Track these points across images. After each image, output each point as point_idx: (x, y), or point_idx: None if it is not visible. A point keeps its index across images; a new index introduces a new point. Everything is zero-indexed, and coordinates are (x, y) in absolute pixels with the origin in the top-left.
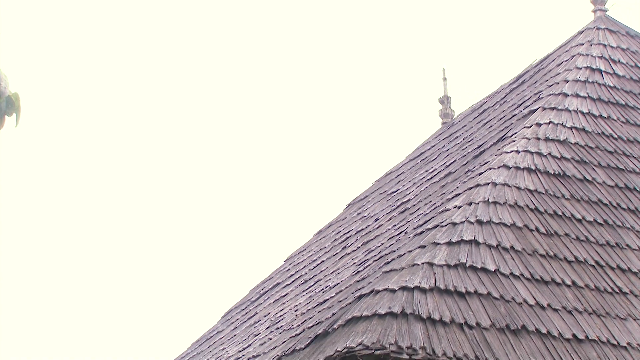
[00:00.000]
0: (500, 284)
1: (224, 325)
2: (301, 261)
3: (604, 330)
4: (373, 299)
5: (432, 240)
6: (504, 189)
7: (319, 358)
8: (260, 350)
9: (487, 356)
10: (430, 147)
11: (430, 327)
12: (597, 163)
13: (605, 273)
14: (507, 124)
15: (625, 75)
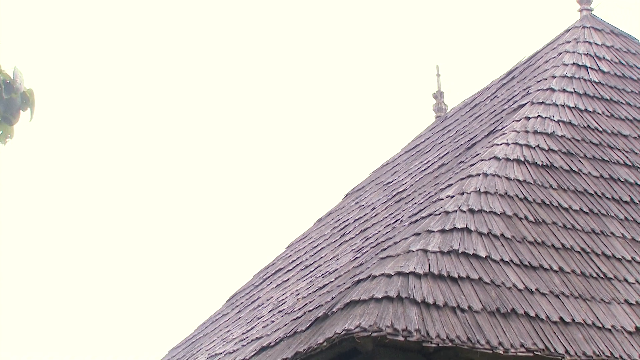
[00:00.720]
0: (490, 270)
1: (229, 309)
2: (302, 248)
3: (589, 313)
4: (370, 283)
5: (426, 228)
6: (494, 180)
7: (319, 340)
8: (263, 332)
9: (478, 338)
10: (424, 140)
11: (424, 310)
12: (582, 155)
13: (591, 259)
14: (497, 117)
15: (610, 72)
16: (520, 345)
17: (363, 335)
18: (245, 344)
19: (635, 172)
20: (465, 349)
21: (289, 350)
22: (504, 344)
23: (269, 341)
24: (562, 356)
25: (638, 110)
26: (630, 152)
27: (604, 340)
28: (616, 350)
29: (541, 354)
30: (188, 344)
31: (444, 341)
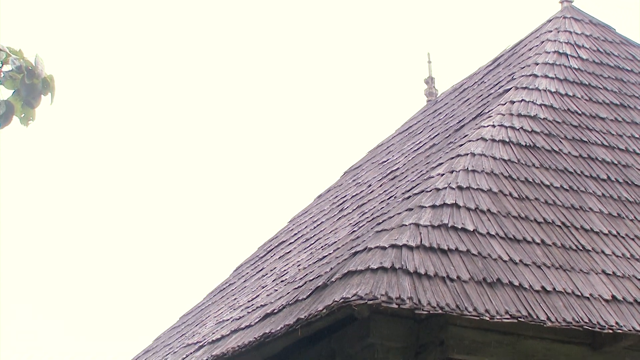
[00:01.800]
0: (478, 242)
1: (235, 278)
2: (303, 222)
3: (569, 282)
4: (366, 255)
5: (418, 203)
6: (481, 159)
7: (319, 307)
8: (267, 300)
9: (466, 306)
10: (416, 122)
11: (416, 280)
12: (563, 136)
13: (570, 233)
14: (484, 101)
15: (589, 59)
16: (505, 312)
17: (360, 303)
18: (251, 311)
19: (612, 152)
20: (454, 315)
21: (291, 317)
22: (490, 311)
23: (273, 308)
24: (544, 322)
25: (615, 94)
26: (607, 133)
27: (582, 307)
28: (594, 317)
29: (524, 320)
30: (198, 310)
31: (434, 308)
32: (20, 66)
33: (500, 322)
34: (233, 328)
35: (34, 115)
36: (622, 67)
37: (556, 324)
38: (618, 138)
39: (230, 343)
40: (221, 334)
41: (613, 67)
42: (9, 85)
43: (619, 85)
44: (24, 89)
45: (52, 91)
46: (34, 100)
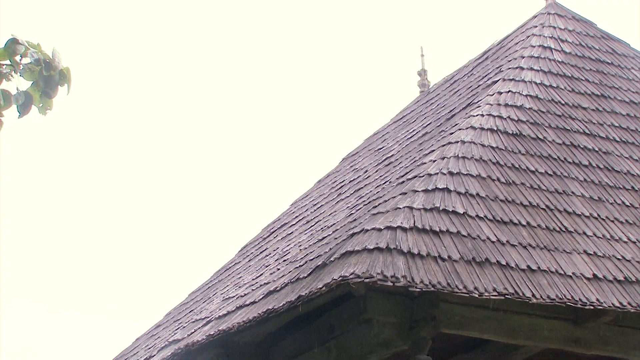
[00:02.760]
0: (467, 224)
1: (241, 258)
2: (304, 205)
3: (552, 262)
4: (363, 236)
5: (412, 188)
6: (471, 146)
7: (319, 285)
8: (270, 278)
9: (456, 283)
10: (410, 112)
11: (410, 259)
12: (547, 125)
13: (554, 215)
14: (473, 92)
15: (571, 52)
16: (493, 290)
17: (357, 281)
18: (255, 288)
19: (593, 140)
20: (445, 293)
21: (292, 294)
22: (478, 289)
23: (275, 286)
24: (529, 299)
25: (596, 85)
26: (589, 122)
27: (565, 285)
28: (576, 294)
29: (511, 297)
30: (205, 288)
31: (426, 286)
32: (39, 59)
33: (488, 298)
34: (238, 304)
35: (51, 105)
36: (603, 60)
37: (541, 300)
38: (599, 126)
39: (236, 319)
40: (227, 310)
41: (594, 60)
42: (28, 76)
43: (599, 77)
44: (42, 81)
45: (68, 82)
46: (51, 91)
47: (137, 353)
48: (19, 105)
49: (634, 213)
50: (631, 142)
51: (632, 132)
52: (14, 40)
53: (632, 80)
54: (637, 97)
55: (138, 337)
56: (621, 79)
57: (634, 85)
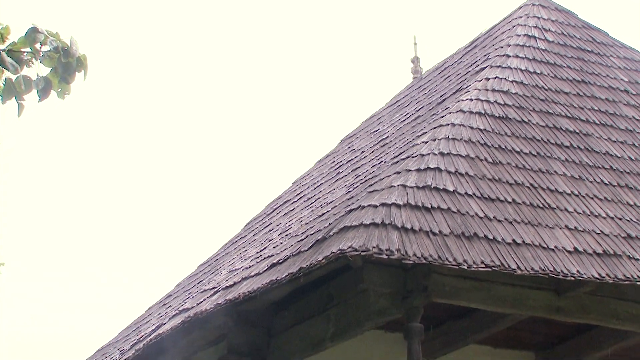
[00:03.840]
0: (457, 201)
1: (246, 233)
2: (305, 184)
3: (536, 236)
4: (360, 212)
5: (405, 167)
6: (460, 129)
7: (319, 258)
8: (274, 251)
9: (447, 256)
10: (404, 97)
11: (403, 234)
12: (532, 108)
13: (538, 193)
14: (463, 78)
15: (554, 41)
16: (481, 262)
17: (354, 254)
18: (259, 261)
19: (574, 122)
20: (437, 265)
21: (294, 266)
22: (467, 261)
23: (278, 259)
24: (514, 271)
25: (577, 72)
26: (570, 106)
27: (548, 258)
28: (558, 266)
29: (497, 269)
30: (213, 260)
31: (419, 259)
32: (57, 47)
33: (476, 270)
34: (244, 276)
35: (69, 89)
36: (583, 48)
37: (525, 272)
38: (580, 110)
39: (242, 289)
40: (233, 280)
41: (575, 48)
42: (48, 63)
43: (580, 64)
44: (61, 67)
45: (85, 69)
46: (69, 77)
47: (150, 321)
48: (39, 90)
49: (612, 191)
50: (610, 124)
51: (611, 115)
52: (34, 29)
53: (610, 67)
54: (616, 83)
55: (151, 306)
56: (600, 65)
57: (612, 71)
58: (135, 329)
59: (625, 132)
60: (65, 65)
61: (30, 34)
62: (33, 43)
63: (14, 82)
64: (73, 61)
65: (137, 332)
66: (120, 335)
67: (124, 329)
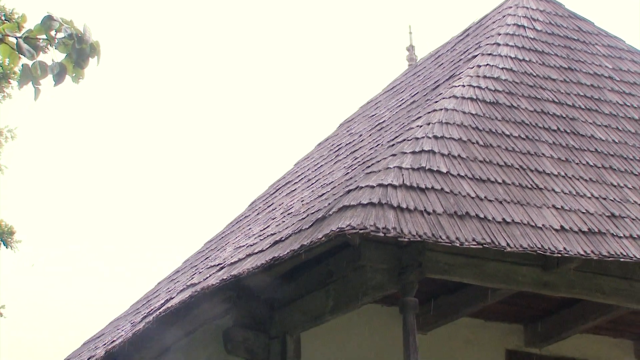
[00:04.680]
0: (450, 182)
1: (250, 212)
2: (306, 165)
3: (525, 215)
4: (358, 192)
5: (401, 150)
6: (453, 113)
7: (319, 235)
8: (276, 229)
9: (440, 234)
10: (399, 83)
11: (399, 213)
12: (521, 94)
13: (526, 174)
14: (455, 65)
15: (542, 30)
16: (472, 240)
17: (352, 232)
18: (263, 238)
19: (561, 107)
20: (430, 242)
21: (295, 243)
22: (459, 239)
23: (281, 236)
24: (504, 248)
25: (563, 59)
26: (557, 92)
27: (536, 235)
28: (545, 244)
29: (488, 246)
30: (219, 238)
31: (414, 236)
32: (72, 34)
33: (468, 247)
34: (248, 253)
35: (83, 74)
36: (570, 37)
37: (514, 249)
38: (566, 96)
39: (246, 265)
40: (238, 257)
41: (562, 37)
42: (62, 49)
43: (567, 52)
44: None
45: (98, 55)
46: (83, 62)
47: (159, 295)
48: (55, 75)
49: (596, 172)
50: (595, 109)
51: (596, 100)
52: (50, 17)
53: (595, 54)
54: (600, 70)
55: (160, 281)
56: (586, 53)
57: (597, 59)
58: (146, 303)
59: (609, 117)
60: (79, 51)
61: (46, 21)
62: (48, 30)
63: (30, 67)
64: (86, 47)
65: (147, 305)
66: (132, 309)
67: (135, 303)
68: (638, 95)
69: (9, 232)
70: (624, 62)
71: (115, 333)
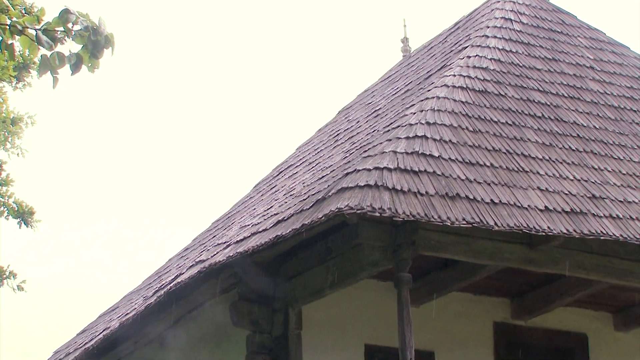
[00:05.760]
0: (442, 165)
1: (255, 193)
2: (307, 150)
3: (512, 196)
4: (356, 175)
5: (396, 135)
6: (444, 101)
7: (319, 215)
8: (279, 210)
9: (432, 214)
10: (394, 73)
11: (394, 194)
12: (508, 83)
13: (513, 158)
14: (447, 57)
15: (528, 23)
16: (462, 219)
17: (350, 212)
18: (266, 218)
19: (546, 95)
20: (423, 222)
21: (297, 223)
22: (450, 218)
23: (283, 216)
24: (492, 227)
25: (548, 50)
26: (542, 81)
27: (522, 215)
28: (531, 223)
29: (477, 225)
30: (225, 218)
31: (407, 216)
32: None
33: (458, 226)
34: (253, 231)
35: (98, 64)
36: (554, 29)
37: (502, 228)
38: (550, 84)
39: (251, 243)
40: (243, 235)
41: (547, 29)
42: (79, 41)
43: (551, 44)
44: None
45: (112, 46)
46: (98, 53)
47: (170, 271)
48: (71, 65)
49: (578, 156)
50: (577, 97)
51: (578, 89)
52: (67, 10)
53: (577, 46)
54: (582, 60)
55: (171, 257)
56: (569, 45)
57: (579, 50)
58: (157, 278)
59: (590, 104)
60: (94, 42)
61: (63, 14)
62: (65, 23)
63: (49, 58)
64: (101, 39)
65: (158, 280)
66: (144, 284)
67: (147, 278)
68: (617, 84)
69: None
70: (605, 53)
71: (128, 306)
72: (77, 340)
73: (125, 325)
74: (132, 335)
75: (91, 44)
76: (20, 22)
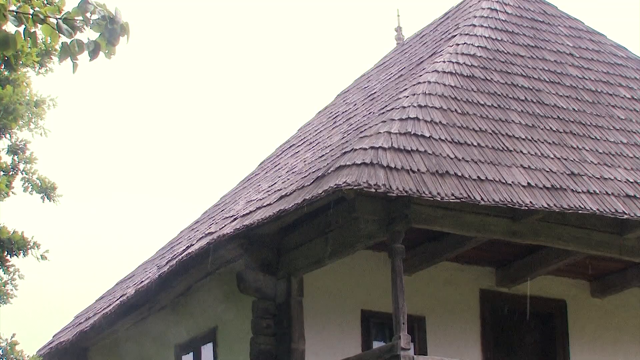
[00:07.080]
0: (432, 145)
1: (259, 170)
2: (308, 130)
3: (497, 174)
4: (353, 154)
5: (390, 117)
6: (435, 85)
7: (319, 191)
8: (282, 186)
9: (424, 190)
10: (388, 59)
11: (388, 172)
12: (493, 69)
13: (498, 138)
14: (437, 44)
15: (512, 13)
16: (452, 195)
17: (348, 188)
18: (271, 193)
19: (529, 80)
20: (415, 197)
21: (299, 198)
22: (440, 194)
23: (286, 192)
24: (479, 202)
25: (531, 39)
26: (525, 67)
27: (506, 191)
28: (514, 198)
29: (465, 200)
30: (233, 193)
31: (401, 192)
32: (104, 15)
33: (448, 201)
34: (258, 206)
35: (114, 51)
36: (536, 19)
37: (487, 202)
38: (533, 70)
39: (256, 216)
40: (249, 210)
41: (530, 19)
42: (96, 29)
43: (534, 32)
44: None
45: (128, 34)
46: (114, 41)
47: (181, 242)
48: (90, 51)
49: (559, 136)
50: (557, 82)
51: (559, 74)
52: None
53: (558, 34)
54: (563, 48)
55: (182, 229)
56: (550, 33)
57: (560, 38)
58: (170, 249)
59: (570, 88)
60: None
61: (82, 5)
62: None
63: (69, 45)
64: (117, 27)
65: (171, 251)
66: (157, 254)
67: (160, 249)
68: (595, 70)
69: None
70: (583, 41)
71: (143, 274)
72: (96, 305)
73: (141, 292)
74: (146, 302)
75: (108, 32)
76: (42, 11)
